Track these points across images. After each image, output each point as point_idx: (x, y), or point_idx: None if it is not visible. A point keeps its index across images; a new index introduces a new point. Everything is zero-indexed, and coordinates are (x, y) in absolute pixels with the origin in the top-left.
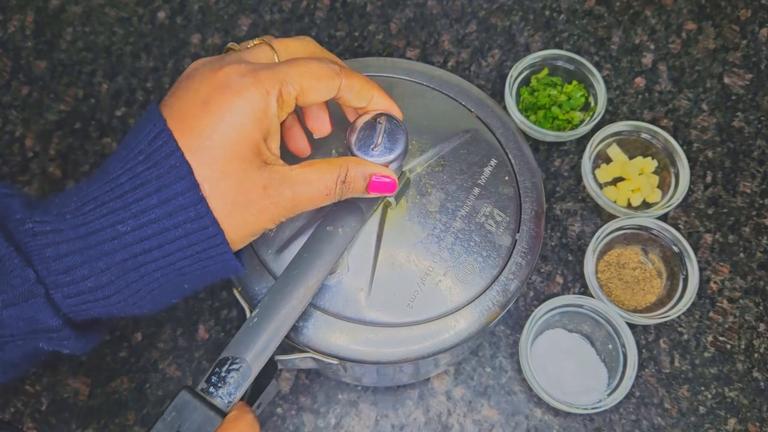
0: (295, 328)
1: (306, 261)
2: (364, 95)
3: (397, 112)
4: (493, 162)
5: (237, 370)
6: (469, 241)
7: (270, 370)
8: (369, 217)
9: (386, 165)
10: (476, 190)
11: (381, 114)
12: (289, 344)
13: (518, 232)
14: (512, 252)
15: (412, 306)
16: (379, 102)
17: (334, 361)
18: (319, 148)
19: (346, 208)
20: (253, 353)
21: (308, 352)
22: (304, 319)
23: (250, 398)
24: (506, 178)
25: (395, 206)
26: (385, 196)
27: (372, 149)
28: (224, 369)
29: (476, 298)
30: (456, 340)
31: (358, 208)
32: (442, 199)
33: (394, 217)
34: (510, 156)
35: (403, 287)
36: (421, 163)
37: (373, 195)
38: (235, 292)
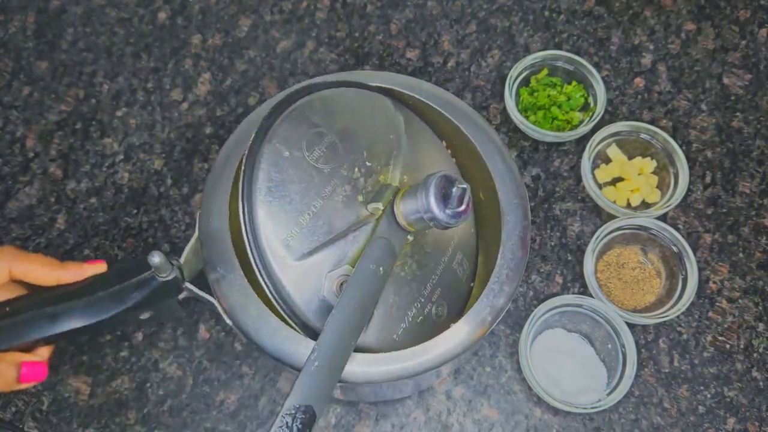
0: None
1: (357, 301)
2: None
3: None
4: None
5: (305, 417)
6: (444, 284)
7: (172, 289)
8: (398, 255)
9: (449, 226)
10: (456, 239)
11: (463, 182)
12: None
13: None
14: (497, 271)
15: (398, 337)
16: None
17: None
18: (342, 163)
19: (385, 248)
20: (318, 398)
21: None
22: (297, 343)
23: (140, 304)
24: (472, 230)
25: (411, 242)
26: (407, 236)
27: (446, 207)
28: (294, 418)
29: (463, 316)
30: (443, 359)
31: (393, 247)
32: (432, 241)
33: (401, 251)
34: (492, 174)
35: (396, 317)
36: None
37: (24, 385)
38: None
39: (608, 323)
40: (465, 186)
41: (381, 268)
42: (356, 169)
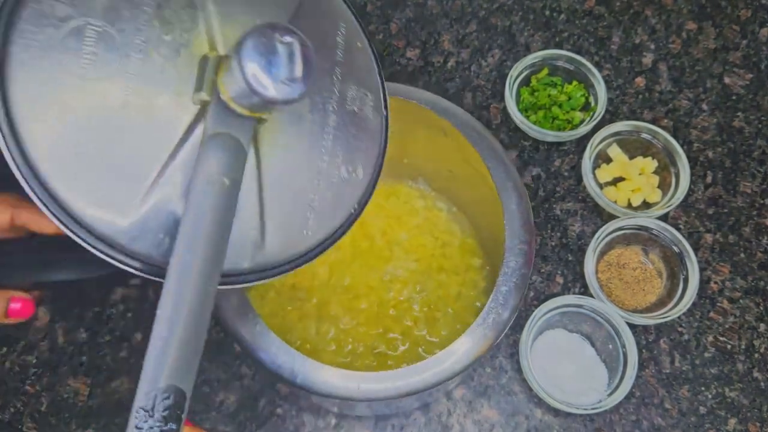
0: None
1: (204, 232)
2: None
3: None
4: (342, 27)
5: (170, 403)
6: (347, 136)
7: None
8: (248, 149)
9: (293, 101)
10: (338, 71)
11: (287, 31)
12: None
13: (503, 259)
14: (500, 284)
15: (310, 231)
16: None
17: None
18: (129, 53)
19: (224, 148)
20: (184, 372)
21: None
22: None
23: None
24: (359, 44)
25: (267, 122)
26: (259, 120)
27: (275, 78)
28: (153, 409)
29: (467, 330)
30: (446, 375)
31: (237, 143)
32: (310, 95)
33: (267, 133)
34: (497, 183)
35: (297, 211)
36: None
37: (11, 320)
38: None
39: (609, 324)
40: (291, 39)
41: (226, 178)
42: (154, 53)
